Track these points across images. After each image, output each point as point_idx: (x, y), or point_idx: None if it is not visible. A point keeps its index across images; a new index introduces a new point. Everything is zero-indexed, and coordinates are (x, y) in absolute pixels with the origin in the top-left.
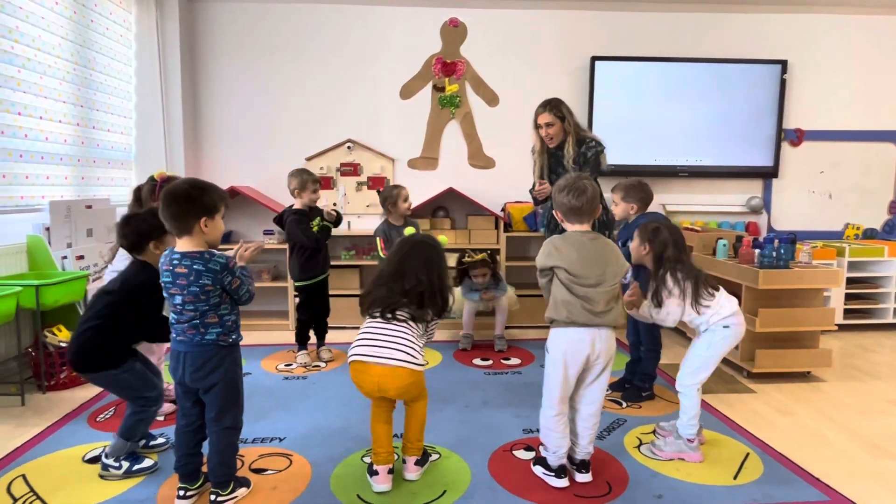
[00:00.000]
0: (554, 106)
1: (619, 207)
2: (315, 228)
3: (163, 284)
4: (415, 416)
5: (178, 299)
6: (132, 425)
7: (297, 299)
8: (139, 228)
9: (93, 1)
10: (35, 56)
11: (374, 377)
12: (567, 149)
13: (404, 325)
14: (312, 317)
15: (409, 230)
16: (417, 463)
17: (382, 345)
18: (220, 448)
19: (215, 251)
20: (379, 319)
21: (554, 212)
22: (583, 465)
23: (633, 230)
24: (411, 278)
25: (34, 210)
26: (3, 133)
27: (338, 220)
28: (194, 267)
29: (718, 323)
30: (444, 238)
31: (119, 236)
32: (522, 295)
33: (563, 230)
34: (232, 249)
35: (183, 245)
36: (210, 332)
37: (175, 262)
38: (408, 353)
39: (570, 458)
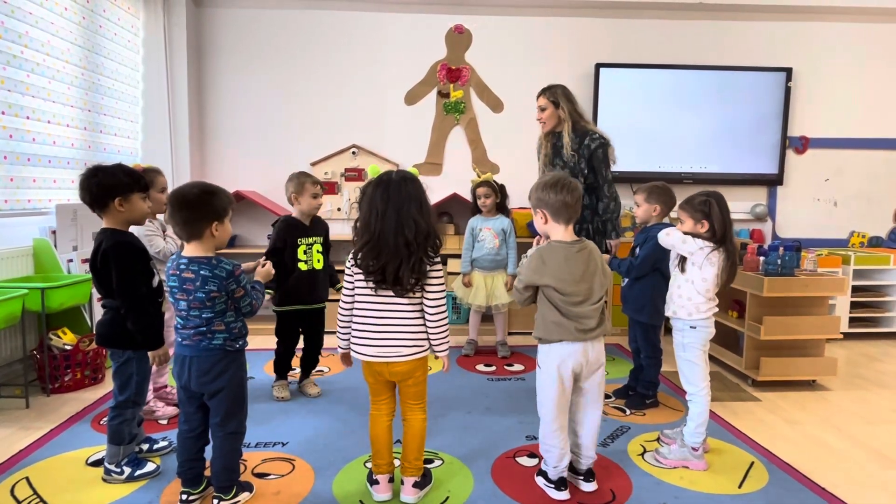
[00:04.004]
0: (549, 90)
1: (642, 209)
2: (301, 250)
3: (168, 290)
4: (413, 432)
5: (183, 305)
6: (115, 428)
7: (276, 324)
8: (105, 182)
9: (101, 6)
10: (44, 61)
11: (383, 370)
12: (563, 137)
13: (409, 298)
14: (290, 349)
15: (372, 168)
16: (416, 485)
17: (386, 341)
18: (224, 453)
19: (223, 258)
20: (382, 296)
21: (535, 212)
22: (589, 474)
23: (653, 232)
24: (409, 226)
25: (41, 213)
26: (12, 137)
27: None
28: (201, 273)
29: (686, 321)
30: (415, 170)
31: (82, 189)
32: None
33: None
34: (247, 262)
35: (191, 250)
36: (217, 337)
37: (182, 266)
38: (414, 343)
39: (576, 468)
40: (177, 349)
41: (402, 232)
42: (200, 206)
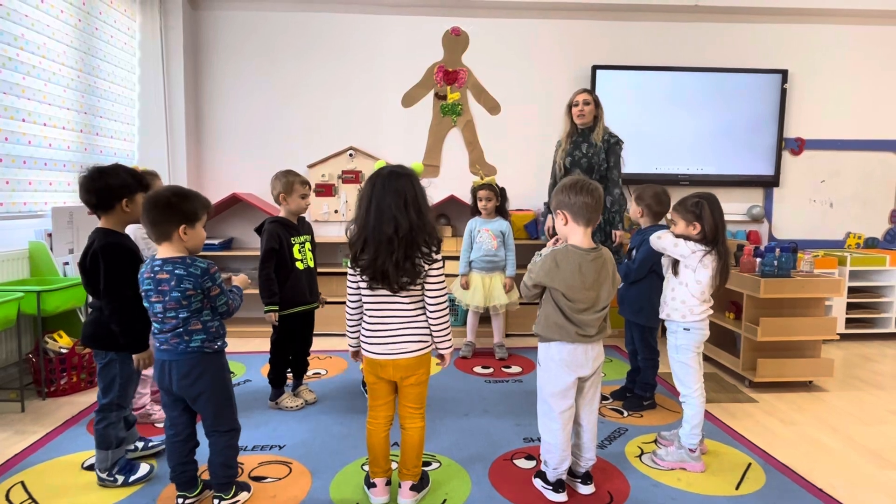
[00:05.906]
0: (591, 92)
1: (632, 207)
2: (296, 248)
3: (143, 293)
4: (412, 441)
5: (159, 307)
6: (101, 432)
7: (273, 334)
8: (114, 183)
9: (97, 9)
10: (40, 63)
11: (388, 366)
12: (597, 130)
13: (407, 295)
14: (288, 357)
15: (379, 163)
16: (413, 488)
17: (392, 339)
18: (220, 449)
19: (196, 257)
20: (382, 294)
21: (555, 214)
22: (587, 477)
23: (648, 235)
24: (389, 223)
25: (36, 216)
26: (7, 140)
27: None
28: (176, 272)
29: (680, 322)
30: (418, 165)
31: (87, 191)
32: (524, 303)
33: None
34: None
35: (163, 252)
36: (194, 339)
37: (157, 268)
38: (417, 339)
39: (574, 471)
40: (156, 354)
41: (383, 228)
42: (168, 208)
